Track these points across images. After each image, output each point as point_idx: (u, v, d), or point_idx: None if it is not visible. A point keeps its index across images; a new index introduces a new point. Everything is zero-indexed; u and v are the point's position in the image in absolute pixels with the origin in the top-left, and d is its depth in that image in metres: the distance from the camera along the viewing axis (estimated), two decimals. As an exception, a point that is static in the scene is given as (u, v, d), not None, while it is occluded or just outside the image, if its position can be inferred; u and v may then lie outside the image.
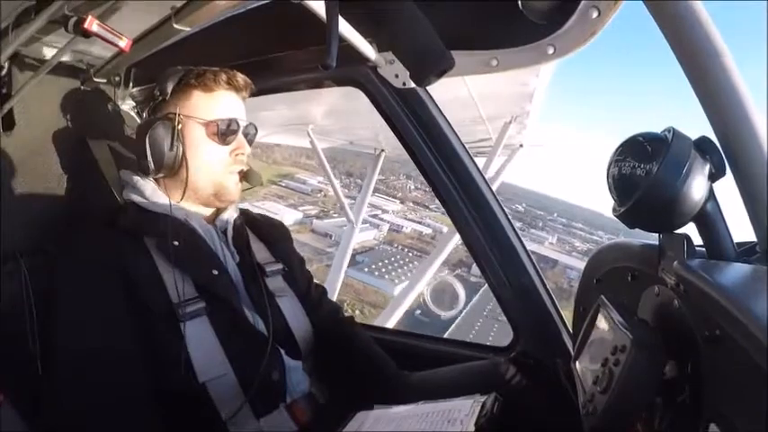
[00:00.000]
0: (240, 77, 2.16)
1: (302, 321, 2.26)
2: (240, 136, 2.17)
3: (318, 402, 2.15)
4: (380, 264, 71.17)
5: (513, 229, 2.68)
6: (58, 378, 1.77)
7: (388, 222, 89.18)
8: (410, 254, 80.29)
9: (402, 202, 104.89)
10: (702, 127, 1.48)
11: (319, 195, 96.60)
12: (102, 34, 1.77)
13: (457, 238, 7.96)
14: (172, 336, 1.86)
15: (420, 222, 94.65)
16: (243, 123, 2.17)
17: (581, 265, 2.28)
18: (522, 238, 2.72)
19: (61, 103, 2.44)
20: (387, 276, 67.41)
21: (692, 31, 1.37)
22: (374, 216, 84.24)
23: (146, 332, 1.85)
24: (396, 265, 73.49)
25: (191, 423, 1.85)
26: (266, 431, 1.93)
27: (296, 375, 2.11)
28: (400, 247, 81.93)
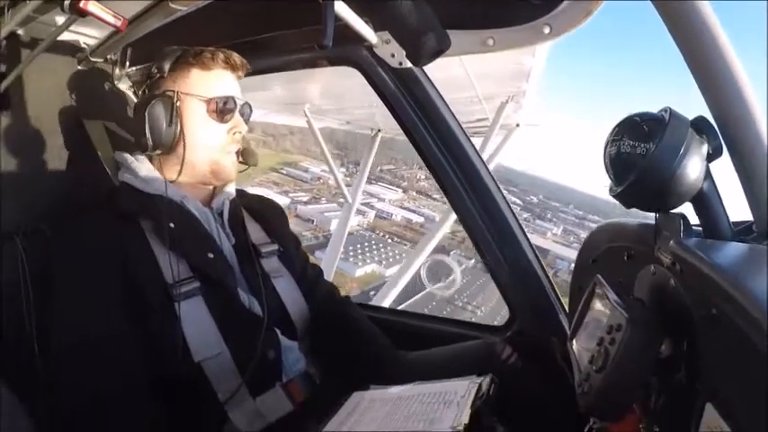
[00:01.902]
0: (237, 57, 2.15)
1: (298, 301, 2.26)
2: (237, 114, 2.16)
3: (315, 382, 2.15)
4: (351, 248, 71.32)
5: (511, 210, 2.68)
6: (56, 361, 1.78)
7: (376, 210, 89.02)
8: (389, 240, 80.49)
9: (405, 191, 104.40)
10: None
11: (317, 183, 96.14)
12: (98, 13, 1.76)
13: (452, 219, 7.99)
14: (167, 316, 1.87)
15: (414, 211, 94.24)
16: (239, 102, 2.16)
17: (575, 255, 2.28)
18: (526, 229, 2.73)
19: (58, 82, 2.42)
20: (351, 259, 67.95)
21: (688, 11, 1.37)
22: (366, 204, 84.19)
23: (142, 314, 1.85)
24: (366, 249, 73.76)
25: (188, 403, 1.86)
26: (262, 410, 1.94)
27: (292, 355, 2.12)
28: (381, 234, 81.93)
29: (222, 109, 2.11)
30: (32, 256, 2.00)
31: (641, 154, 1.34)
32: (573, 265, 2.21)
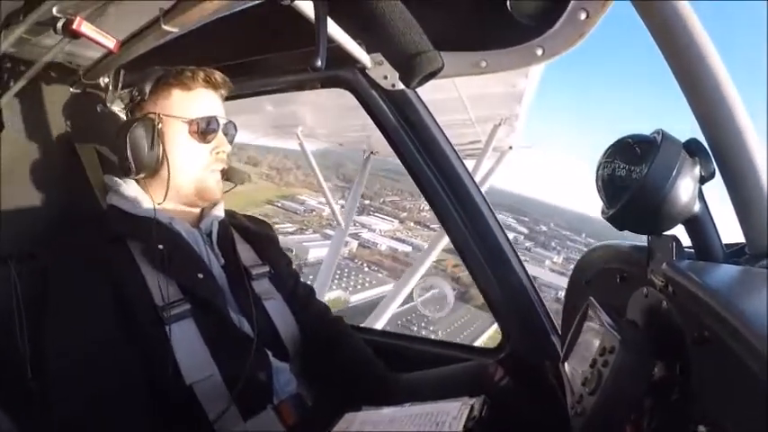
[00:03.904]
0: (218, 75, 2.17)
1: (290, 323, 2.26)
2: (220, 134, 2.17)
3: (306, 403, 2.14)
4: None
5: (503, 231, 2.68)
6: (50, 387, 1.77)
7: (360, 240, 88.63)
8: (366, 269, 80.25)
9: (402, 222, 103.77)
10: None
11: (310, 215, 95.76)
12: (91, 35, 1.76)
13: (443, 243, 8.03)
14: (158, 338, 1.86)
15: (403, 241, 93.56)
16: (222, 121, 2.18)
17: (564, 282, 2.29)
18: (523, 257, 2.73)
19: (50, 105, 2.42)
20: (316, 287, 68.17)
21: (680, 33, 1.38)
22: (353, 234, 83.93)
23: (133, 336, 1.85)
24: (337, 276, 73.48)
25: (178, 424, 1.86)
26: None
27: (283, 377, 2.11)
28: (360, 263, 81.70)
29: (204, 129, 2.12)
30: (25, 280, 2.00)
31: (633, 176, 1.34)
32: (560, 293, 2.22)
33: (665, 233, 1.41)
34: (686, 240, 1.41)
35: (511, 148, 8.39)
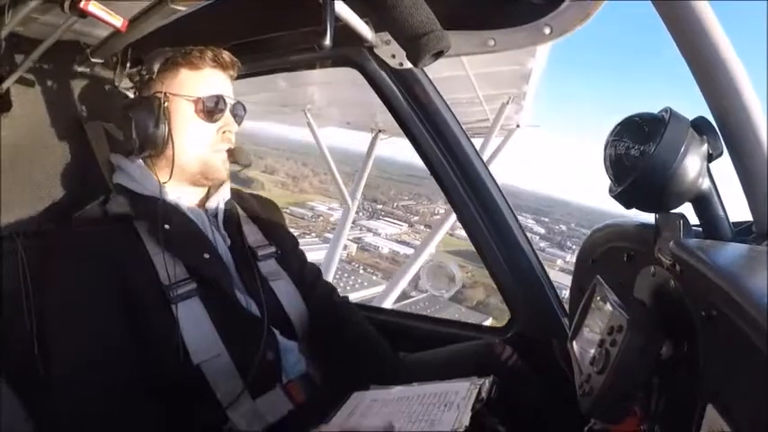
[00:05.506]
0: (226, 55, 2.15)
1: (297, 304, 2.26)
2: (227, 114, 2.16)
3: (314, 383, 2.15)
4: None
5: (511, 210, 2.67)
6: (55, 364, 1.80)
7: (362, 243, 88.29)
8: (360, 271, 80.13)
9: (411, 226, 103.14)
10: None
11: (317, 220, 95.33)
12: (98, 14, 1.76)
13: (451, 221, 8.06)
14: (164, 318, 1.87)
15: (407, 244, 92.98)
16: (230, 101, 2.16)
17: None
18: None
19: (58, 84, 2.41)
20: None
21: (688, 10, 1.37)
22: (355, 239, 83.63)
23: (139, 316, 1.86)
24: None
25: (187, 404, 1.86)
26: (262, 411, 1.94)
27: (292, 356, 2.12)
28: (356, 265, 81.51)
29: (211, 108, 2.11)
30: (32, 257, 2.00)
31: (641, 154, 1.33)
32: (564, 292, 2.21)
33: (672, 211, 1.41)
34: (693, 218, 1.41)
35: (518, 126, 8.38)
